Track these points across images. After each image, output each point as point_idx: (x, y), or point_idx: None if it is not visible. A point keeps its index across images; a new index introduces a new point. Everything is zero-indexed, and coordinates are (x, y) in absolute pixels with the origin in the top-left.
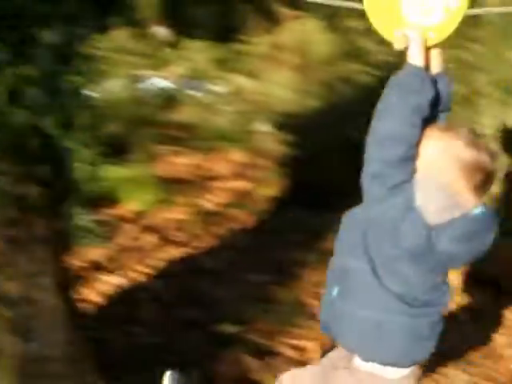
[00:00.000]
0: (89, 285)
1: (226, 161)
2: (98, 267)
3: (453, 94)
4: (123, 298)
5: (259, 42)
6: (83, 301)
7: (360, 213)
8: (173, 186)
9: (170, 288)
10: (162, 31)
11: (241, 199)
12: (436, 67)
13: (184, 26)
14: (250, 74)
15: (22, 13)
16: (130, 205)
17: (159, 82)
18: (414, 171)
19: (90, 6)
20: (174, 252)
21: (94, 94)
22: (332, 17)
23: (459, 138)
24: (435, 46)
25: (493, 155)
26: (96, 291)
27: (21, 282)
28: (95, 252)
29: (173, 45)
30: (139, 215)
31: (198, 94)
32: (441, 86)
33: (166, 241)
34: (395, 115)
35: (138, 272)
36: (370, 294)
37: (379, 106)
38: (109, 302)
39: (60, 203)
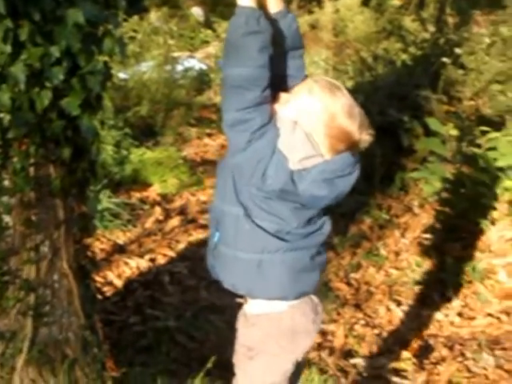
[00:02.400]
0: (113, 268)
1: None
2: (122, 250)
3: (298, 30)
4: (147, 282)
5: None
6: (107, 284)
7: (228, 160)
8: (202, 168)
9: (193, 272)
10: (198, 12)
11: None
12: (275, 6)
13: (221, 6)
14: None
15: None
16: (158, 187)
17: (194, 63)
18: (272, 114)
19: None
20: (200, 235)
21: (124, 76)
22: None
23: (341, 105)
24: None
25: (363, 130)
26: (120, 275)
27: (39, 266)
28: (120, 235)
29: (209, 26)
30: (166, 198)
31: None
32: (283, 23)
33: (193, 224)
34: (242, 59)
35: (163, 255)
36: (248, 237)
37: (224, 53)
38: (132, 286)
39: (84, 186)
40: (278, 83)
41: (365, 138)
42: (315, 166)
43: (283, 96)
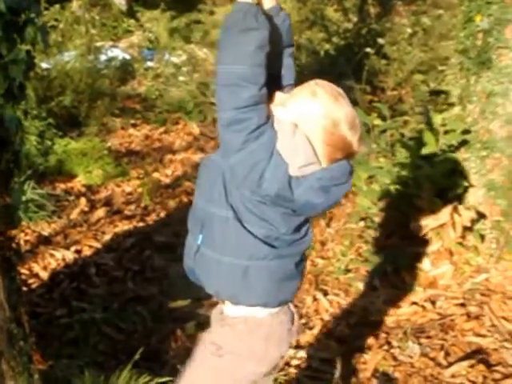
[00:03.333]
0: (39, 260)
1: (184, 133)
2: (48, 242)
3: (291, 27)
4: (73, 274)
5: (220, 12)
6: (32, 276)
7: (218, 160)
8: (127, 158)
9: (119, 263)
10: (120, 1)
11: (196, 172)
12: (269, 2)
13: None
14: (209, 44)
15: None
16: (82, 178)
17: (117, 52)
18: (269, 115)
19: None
20: (126, 226)
21: (46, 65)
22: None
23: (345, 113)
24: None
25: (361, 143)
26: (46, 266)
27: None
28: (45, 227)
29: (132, 15)
30: (91, 189)
31: (156, 65)
32: (278, 20)
33: (118, 215)
34: (238, 57)
35: (88, 246)
36: (236, 242)
37: (220, 50)
38: (58, 278)
39: (8, 177)
40: (271, 83)
41: (361, 149)
42: (313, 173)
43: (279, 96)
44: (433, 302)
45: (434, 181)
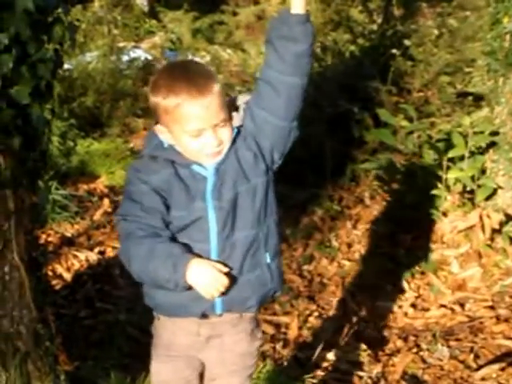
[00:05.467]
0: (62, 261)
1: None
2: (71, 243)
3: None
4: (97, 275)
5: (243, 13)
6: (56, 277)
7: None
8: None
9: None
10: (142, 2)
11: None
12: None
13: None
14: (233, 45)
15: None
16: (105, 179)
17: (139, 53)
18: None
19: None
20: None
21: (68, 66)
22: None
23: None
24: None
25: None
26: (69, 268)
27: None
28: (69, 228)
29: (154, 16)
30: (114, 190)
31: None
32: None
33: None
34: (302, 71)
35: (112, 248)
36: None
37: (283, 60)
38: (81, 279)
39: (35, 176)
40: None
41: None
42: None
43: None
44: (462, 305)
45: (462, 183)
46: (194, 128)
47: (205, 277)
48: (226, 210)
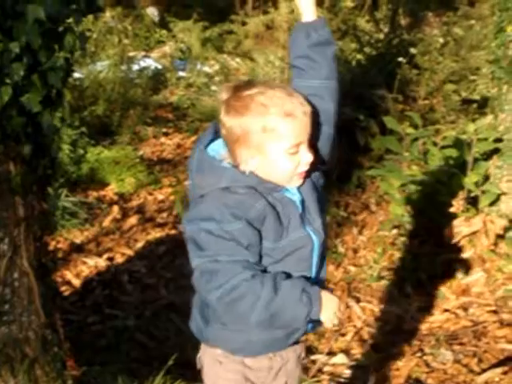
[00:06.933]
0: (71, 268)
1: None
2: (80, 250)
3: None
4: (105, 281)
5: (252, 22)
6: (65, 283)
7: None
8: (159, 167)
9: (152, 270)
10: (153, 12)
11: None
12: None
13: (175, 6)
14: (241, 54)
15: None
16: (115, 187)
17: (150, 62)
18: None
19: None
20: (158, 234)
21: (79, 75)
22: None
23: None
24: None
25: None
26: (78, 274)
27: None
28: (78, 234)
29: (164, 25)
30: (124, 197)
31: (188, 75)
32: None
33: (151, 222)
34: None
35: (121, 254)
36: None
37: (313, 65)
38: (90, 285)
39: (44, 183)
40: None
41: None
42: None
43: None
44: (465, 310)
45: (466, 188)
46: (293, 143)
47: (332, 307)
48: (320, 231)
